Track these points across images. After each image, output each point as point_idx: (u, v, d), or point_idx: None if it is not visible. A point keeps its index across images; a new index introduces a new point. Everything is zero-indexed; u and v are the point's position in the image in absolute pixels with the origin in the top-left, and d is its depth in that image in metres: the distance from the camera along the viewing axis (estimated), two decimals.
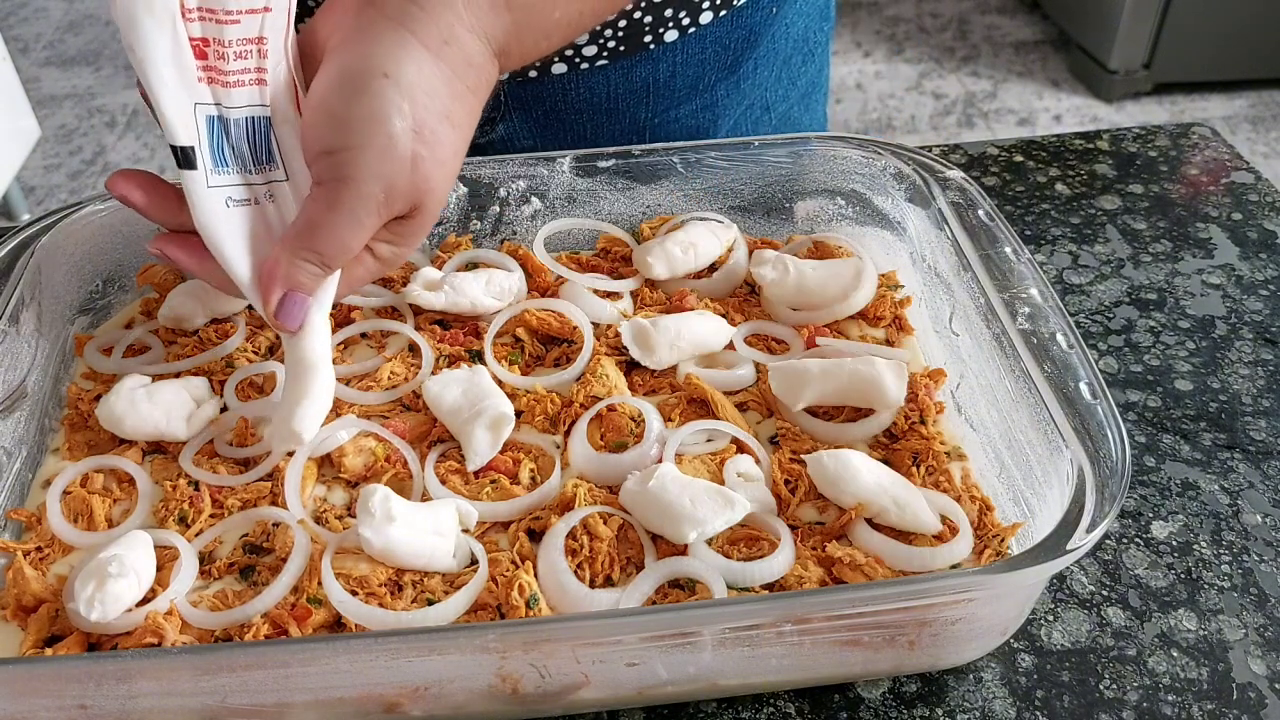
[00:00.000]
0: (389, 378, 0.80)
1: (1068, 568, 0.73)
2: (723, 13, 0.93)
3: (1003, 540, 0.68)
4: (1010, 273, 0.77)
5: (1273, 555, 0.75)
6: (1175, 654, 0.69)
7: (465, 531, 0.70)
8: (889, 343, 0.85)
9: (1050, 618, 0.71)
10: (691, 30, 0.93)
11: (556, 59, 0.93)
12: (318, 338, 0.70)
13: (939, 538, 0.68)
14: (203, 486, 0.73)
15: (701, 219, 0.92)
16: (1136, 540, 0.76)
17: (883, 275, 0.89)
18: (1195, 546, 0.75)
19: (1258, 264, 1.00)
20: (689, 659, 0.62)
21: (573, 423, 0.76)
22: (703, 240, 0.89)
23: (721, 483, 0.71)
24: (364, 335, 0.85)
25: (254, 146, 0.68)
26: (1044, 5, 3.79)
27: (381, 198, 0.64)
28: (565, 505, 0.70)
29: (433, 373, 0.80)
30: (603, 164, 0.92)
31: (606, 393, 0.78)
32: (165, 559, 0.68)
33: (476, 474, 0.74)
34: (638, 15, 0.90)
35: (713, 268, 0.91)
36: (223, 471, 0.74)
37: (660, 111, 0.99)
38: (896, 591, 0.59)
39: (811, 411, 0.78)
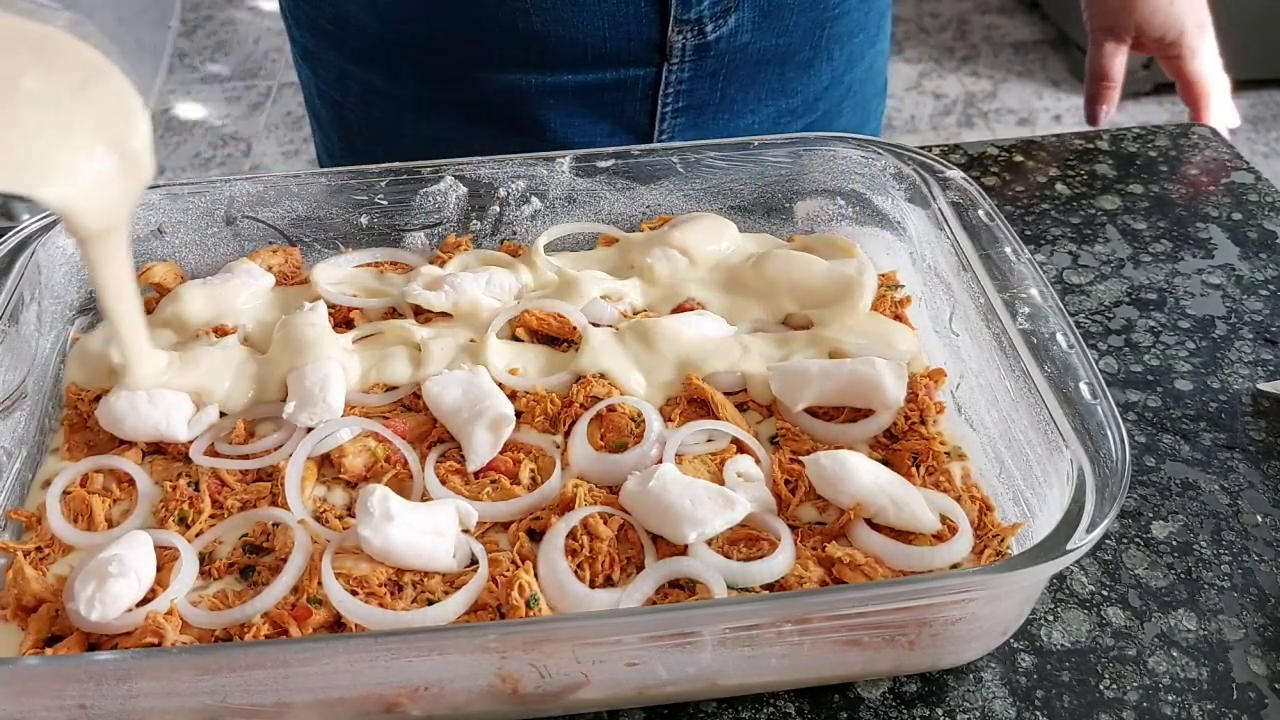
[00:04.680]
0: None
1: (1068, 568, 0.73)
2: None
3: (1003, 540, 0.68)
4: (1010, 273, 0.77)
5: (1272, 555, 0.75)
6: (1175, 654, 0.69)
7: (465, 531, 0.70)
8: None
9: (1050, 618, 0.71)
10: None
11: None
12: None
13: (939, 538, 0.68)
14: (203, 487, 0.73)
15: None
16: (1136, 540, 0.76)
17: (883, 275, 0.89)
18: (1195, 546, 0.75)
19: (1258, 264, 1.00)
20: (689, 659, 0.62)
21: (573, 423, 0.76)
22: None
23: (721, 483, 0.71)
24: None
25: None
26: (1044, 5, 3.79)
27: None
28: (565, 505, 0.70)
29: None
30: (602, 164, 0.92)
31: (606, 393, 0.78)
32: (165, 559, 0.68)
33: (477, 474, 0.74)
34: None
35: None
36: (225, 473, 0.74)
37: None
38: (896, 591, 0.59)
39: (811, 412, 0.78)
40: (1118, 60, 1.14)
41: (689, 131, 1.06)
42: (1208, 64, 1.13)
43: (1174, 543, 0.76)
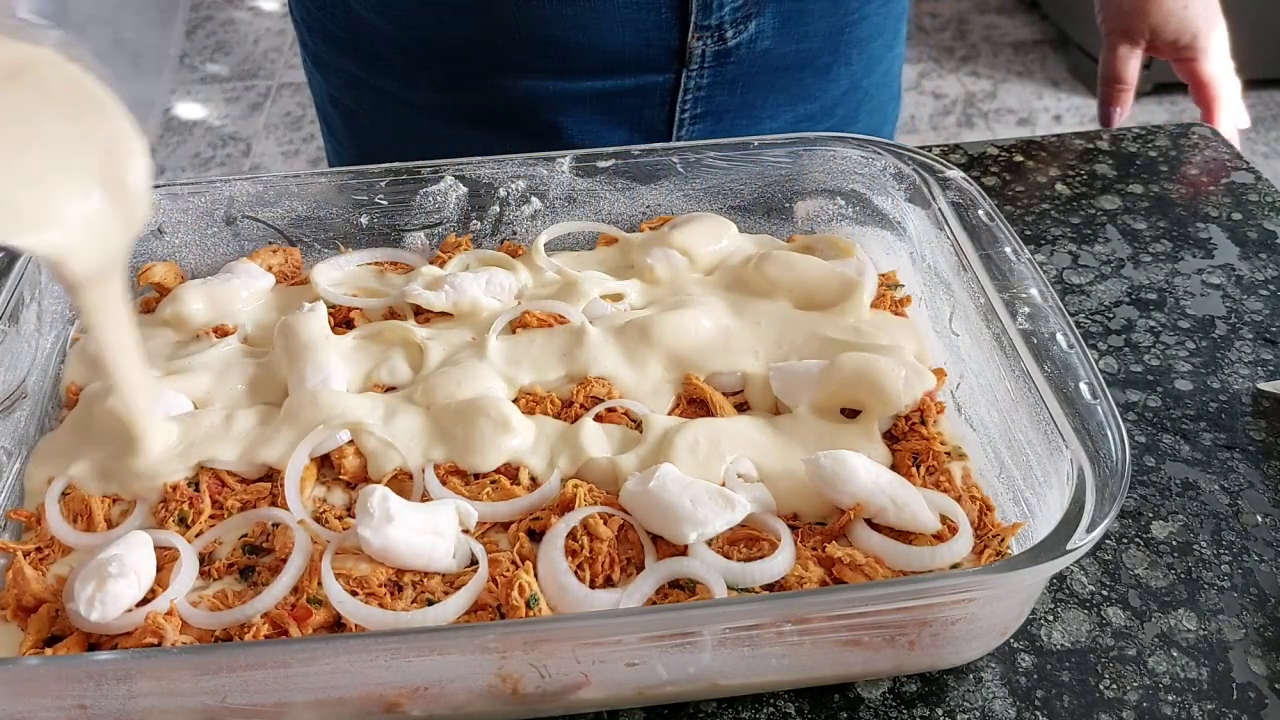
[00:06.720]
0: None
1: (1068, 568, 0.73)
2: None
3: (1003, 540, 0.68)
4: (1010, 273, 0.77)
5: (1273, 555, 0.75)
6: (1175, 654, 0.69)
7: (465, 532, 0.70)
8: None
9: (1050, 618, 0.71)
10: None
11: None
12: None
13: (939, 537, 0.68)
14: (203, 487, 0.73)
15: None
16: (1136, 540, 0.76)
17: (883, 275, 0.89)
18: (1195, 546, 0.75)
19: (1258, 264, 1.00)
20: (689, 659, 0.62)
21: (573, 423, 0.76)
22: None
23: (721, 483, 0.71)
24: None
25: None
26: (1043, 5, 3.79)
27: None
28: (565, 505, 0.70)
29: None
30: (602, 164, 0.92)
31: (606, 393, 0.78)
32: (165, 559, 0.68)
33: (477, 474, 0.74)
34: None
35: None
36: (225, 473, 0.74)
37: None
38: (896, 591, 0.59)
39: None
40: (1132, 64, 1.13)
41: (707, 137, 1.05)
42: (1220, 66, 1.13)
43: (1174, 543, 0.76)
